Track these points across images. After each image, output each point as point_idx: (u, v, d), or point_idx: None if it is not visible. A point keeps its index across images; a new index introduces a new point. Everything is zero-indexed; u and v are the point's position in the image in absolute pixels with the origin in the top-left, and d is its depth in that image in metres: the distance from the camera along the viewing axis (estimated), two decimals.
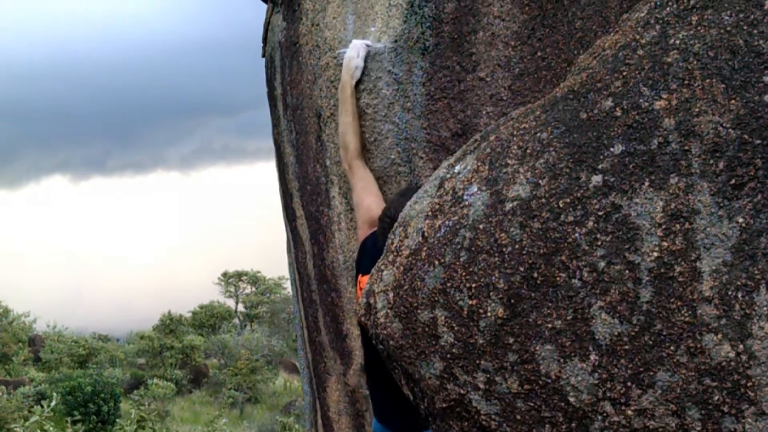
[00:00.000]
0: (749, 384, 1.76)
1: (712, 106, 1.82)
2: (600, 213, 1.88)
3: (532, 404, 1.95)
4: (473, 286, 1.99)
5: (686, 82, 1.86)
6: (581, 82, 2.02)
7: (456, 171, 2.14)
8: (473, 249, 2.00)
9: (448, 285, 2.03)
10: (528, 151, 2.01)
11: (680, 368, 1.80)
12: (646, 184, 1.85)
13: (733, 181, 1.78)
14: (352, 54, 2.82)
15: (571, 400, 1.90)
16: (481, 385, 2.01)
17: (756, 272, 1.76)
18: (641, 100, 1.89)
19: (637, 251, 1.84)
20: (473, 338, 1.99)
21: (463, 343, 2.01)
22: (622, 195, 1.86)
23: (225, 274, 31.78)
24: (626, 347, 1.85)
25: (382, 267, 2.21)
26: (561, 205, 1.92)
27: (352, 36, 2.91)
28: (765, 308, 1.75)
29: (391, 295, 2.15)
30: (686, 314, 1.80)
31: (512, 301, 1.94)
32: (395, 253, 2.18)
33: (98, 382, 16.12)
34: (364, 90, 2.85)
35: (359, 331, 2.83)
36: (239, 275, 31.84)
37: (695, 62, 1.86)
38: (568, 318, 1.89)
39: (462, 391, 2.05)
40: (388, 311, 2.15)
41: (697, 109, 1.83)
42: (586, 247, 1.88)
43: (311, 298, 3.63)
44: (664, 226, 1.82)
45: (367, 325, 2.27)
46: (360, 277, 2.71)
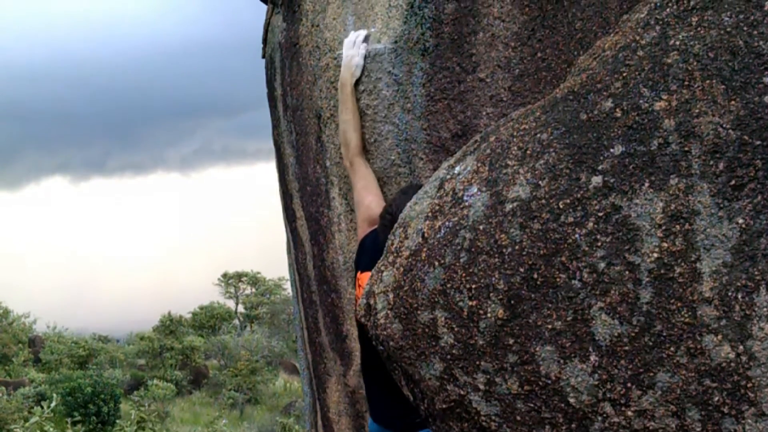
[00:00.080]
0: (749, 385, 1.76)
1: (712, 107, 1.82)
2: (600, 214, 1.88)
3: (532, 405, 1.95)
4: (473, 287, 1.99)
5: (686, 83, 1.86)
6: (581, 83, 2.02)
7: (456, 172, 2.14)
8: (473, 250, 2.00)
9: (448, 286, 2.03)
10: (528, 152, 2.01)
11: (680, 369, 1.80)
12: (646, 185, 1.85)
13: (733, 182, 1.78)
14: (353, 52, 2.82)
15: (571, 401, 1.90)
16: (481, 386, 2.01)
17: (756, 273, 1.76)
18: (641, 101, 1.89)
19: (637, 252, 1.84)
20: (473, 339, 1.99)
21: (463, 344, 2.01)
22: (622, 196, 1.86)
23: (225, 275, 31.79)
24: (626, 348, 1.84)
25: (382, 268, 2.21)
26: (561, 206, 1.92)
27: None
28: (765, 309, 1.75)
29: (391, 296, 2.15)
30: (686, 315, 1.80)
31: (512, 302, 1.94)
32: (395, 254, 2.18)
33: (98, 383, 16.13)
34: (364, 91, 2.85)
35: (357, 330, 2.82)
36: (239, 276, 31.84)
37: (695, 63, 1.86)
38: (568, 319, 1.89)
39: (462, 392, 2.04)
40: (388, 312, 2.15)
41: (697, 110, 1.83)
42: (586, 248, 1.88)
43: (311, 299, 3.63)
44: (664, 227, 1.82)
45: (367, 325, 2.27)
46: (359, 275, 2.71)
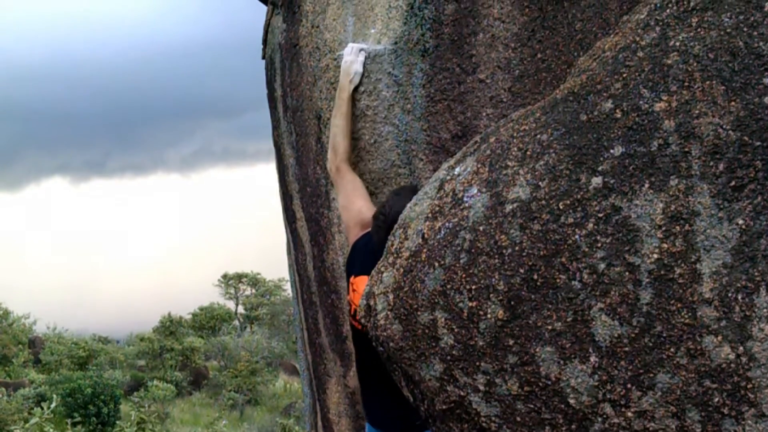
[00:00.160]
0: (749, 386, 1.76)
1: (712, 107, 1.82)
2: (600, 215, 1.88)
3: (532, 406, 1.95)
4: (473, 287, 1.99)
5: (686, 83, 1.86)
6: (581, 83, 2.02)
7: (456, 173, 2.14)
8: (473, 251, 2.00)
9: (448, 287, 2.03)
10: (528, 152, 2.01)
11: (680, 370, 1.80)
12: (646, 185, 1.85)
13: (733, 183, 1.78)
14: (352, 58, 2.81)
15: (571, 401, 1.90)
16: (481, 387, 2.01)
17: (756, 274, 1.76)
18: (641, 102, 1.89)
19: (637, 253, 1.84)
20: (473, 340, 1.99)
21: (463, 344, 2.01)
22: (622, 197, 1.86)
23: (225, 276, 31.78)
24: (626, 349, 1.84)
25: (382, 269, 2.21)
26: (561, 207, 1.92)
27: (352, 38, 2.91)
28: (765, 310, 1.75)
29: (391, 296, 2.15)
30: (686, 316, 1.80)
31: (512, 302, 1.94)
32: (395, 255, 2.18)
33: (98, 383, 16.13)
34: (364, 92, 2.85)
35: (352, 334, 2.82)
36: (239, 277, 31.83)
37: (695, 64, 1.86)
38: (568, 320, 1.89)
39: (462, 393, 2.04)
40: (388, 313, 2.15)
41: (697, 111, 1.83)
42: (586, 249, 1.88)
43: (311, 300, 3.63)
44: (664, 228, 1.82)
45: (367, 326, 2.27)
46: (353, 279, 2.69)
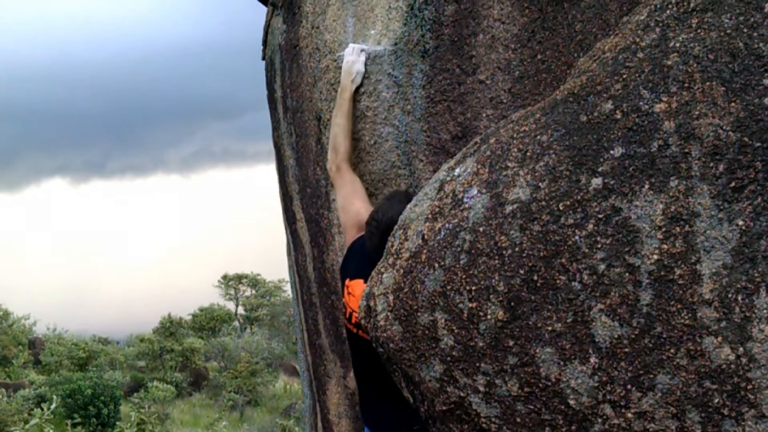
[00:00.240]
0: (749, 387, 1.75)
1: (712, 108, 1.82)
2: (600, 216, 1.88)
3: (532, 407, 1.95)
4: (473, 288, 1.99)
5: (686, 84, 1.86)
6: (581, 84, 2.02)
7: (456, 174, 2.14)
8: (473, 252, 2.00)
9: (448, 288, 2.03)
10: (528, 153, 2.01)
11: (680, 371, 1.80)
12: (646, 186, 1.85)
13: (733, 184, 1.78)
14: (353, 58, 2.81)
15: (571, 402, 1.90)
16: (481, 388, 2.01)
17: (756, 275, 1.76)
18: (641, 103, 1.89)
19: (637, 254, 1.84)
20: (473, 341, 1.99)
21: (463, 345, 2.01)
22: (622, 198, 1.86)
23: (225, 277, 31.75)
24: (626, 350, 1.84)
25: (382, 270, 2.21)
26: (561, 208, 1.92)
27: (352, 39, 2.91)
28: (765, 311, 1.75)
29: (391, 297, 2.15)
30: (686, 317, 1.80)
31: (512, 303, 1.94)
32: (395, 256, 2.18)
33: (98, 384, 16.12)
34: (364, 93, 2.85)
35: (348, 337, 2.81)
36: (239, 278, 31.81)
37: (695, 65, 1.86)
38: (568, 321, 1.89)
39: (462, 394, 2.04)
40: (388, 314, 2.15)
41: (697, 112, 1.83)
42: (586, 250, 1.88)
43: (311, 301, 3.63)
44: (664, 229, 1.82)
45: (367, 327, 2.27)
46: (348, 282, 2.68)
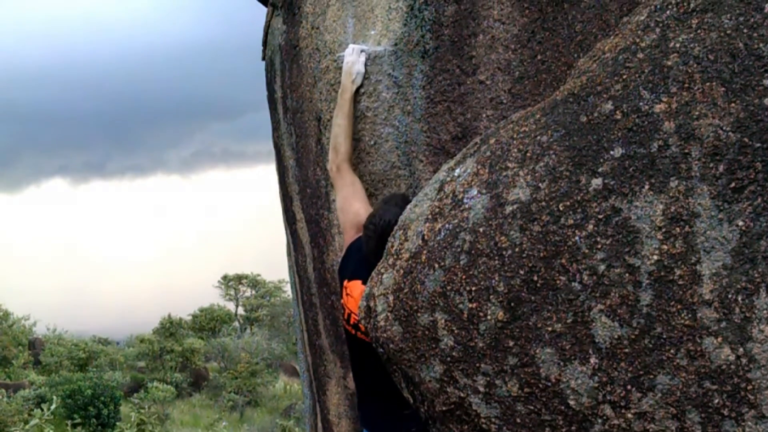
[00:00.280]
0: (749, 387, 1.75)
1: (712, 109, 1.82)
2: (600, 216, 1.88)
3: (532, 407, 1.95)
4: (473, 289, 1.99)
5: (686, 85, 1.86)
6: (581, 85, 2.02)
7: (456, 174, 2.14)
8: (473, 252, 2.00)
9: (448, 288, 2.03)
10: (528, 154, 2.01)
11: (680, 371, 1.80)
12: (646, 187, 1.85)
13: (733, 185, 1.78)
14: (353, 59, 2.81)
15: (571, 403, 1.90)
16: (481, 389, 2.01)
17: (756, 275, 1.76)
18: (641, 104, 1.89)
19: (637, 254, 1.84)
20: (473, 341, 1.99)
21: (463, 346, 2.01)
22: (622, 198, 1.86)
23: (225, 278, 31.74)
24: (626, 350, 1.84)
25: (382, 270, 2.21)
26: (561, 209, 1.92)
27: (352, 39, 2.91)
28: (765, 311, 1.75)
29: (391, 298, 2.15)
30: (686, 317, 1.80)
31: (512, 304, 1.94)
32: (395, 256, 2.18)
33: (98, 385, 16.12)
34: (364, 93, 2.86)
35: (345, 337, 2.81)
36: (239, 278, 31.80)
37: (695, 65, 1.86)
38: (568, 321, 1.89)
39: (462, 395, 2.04)
40: (388, 314, 2.15)
41: (697, 113, 1.83)
42: (586, 251, 1.88)
43: (311, 301, 3.63)
44: (664, 230, 1.82)
45: (367, 328, 2.27)
46: (346, 283, 2.68)
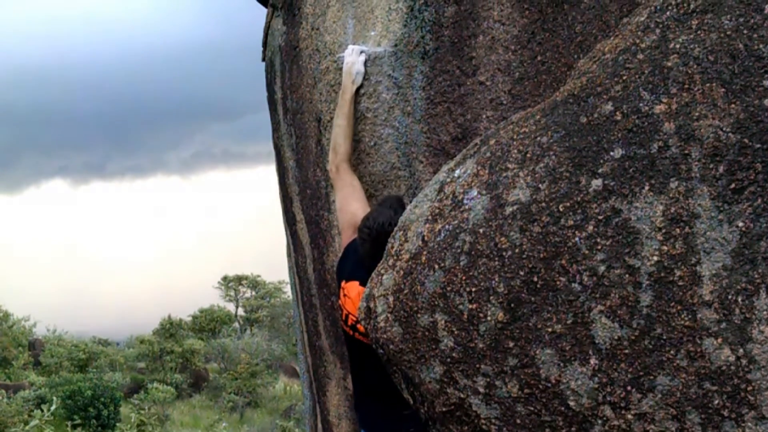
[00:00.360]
0: (749, 388, 1.75)
1: (712, 110, 1.82)
2: (600, 217, 1.88)
3: (532, 408, 1.95)
4: (473, 290, 1.99)
5: (686, 86, 1.86)
6: (581, 86, 2.02)
7: (456, 175, 2.14)
8: (473, 253, 2.00)
9: (448, 289, 2.02)
10: (528, 155, 2.01)
11: (680, 372, 1.80)
12: (646, 188, 1.85)
13: (733, 186, 1.78)
14: (353, 59, 2.82)
15: (571, 404, 1.90)
16: (481, 389, 2.00)
17: (756, 276, 1.76)
18: (641, 105, 1.89)
19: (637, 255, 1.84)
20: (473, 342, 1.99)
21: (463, 347, 2.01)
22: (622, 199, 1.86)
23: (225, 278, 31.73)
24: (626, 351, 1.84)
25: (382, 271, 2.21)
26: (561, 210, 1.92)
27: (352, 40, 2.91)
28: (765, 312, 1.75)
29: (391, 299, 2.15)
30: (686, 318, 1.80)
31: (512, 305, 1.94)
32: (395, 257, 2.18)
33: (98, 386, 16.11)
34: (365, 94, 2.86)
35: (343, 338, 2.80)
36: (239, 279, 31.78)
37: (695, 66, 1.86)
38: (568, 322, 1.89)
39: (462, 395, 2.04)
40: (388, 315, 2.15)
41: (697, 114, 1.83)
42: (586, 252, 1.88)
43: (311, 302, 3.63)
44: (664, 231, 1.82)
45: (367, 329, 2.27)
46: (344, 284, 2.68)
